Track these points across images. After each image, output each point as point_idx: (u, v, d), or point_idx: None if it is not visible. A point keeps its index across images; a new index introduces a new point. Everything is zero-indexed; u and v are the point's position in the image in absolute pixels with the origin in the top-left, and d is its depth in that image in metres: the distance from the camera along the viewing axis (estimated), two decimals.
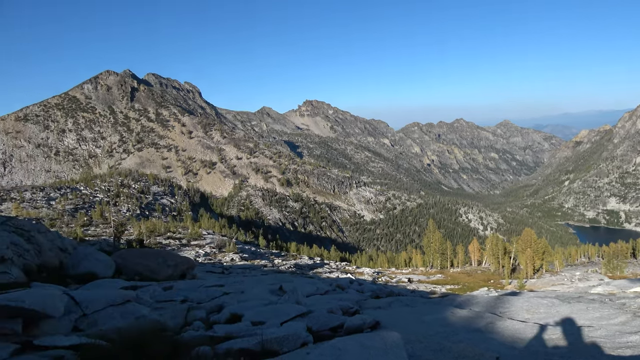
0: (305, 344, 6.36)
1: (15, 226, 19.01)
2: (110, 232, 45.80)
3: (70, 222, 61.13)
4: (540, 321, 8.47)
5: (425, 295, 20.61)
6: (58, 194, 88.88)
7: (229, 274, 26.99)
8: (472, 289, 39.33)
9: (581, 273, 50.78)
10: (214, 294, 12.81)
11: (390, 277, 46.29)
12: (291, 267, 43.62)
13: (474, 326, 8.12)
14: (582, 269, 60.57)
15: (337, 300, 12.35)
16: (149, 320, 7.34)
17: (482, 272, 58.79)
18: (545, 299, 10.99)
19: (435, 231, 70.56)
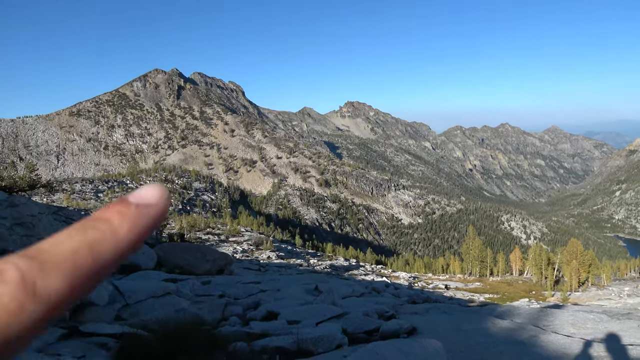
0: (340, 345, 6.32)
1: (67, 216, 19.95)
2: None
3: None
4: (587, 337, 8.08)
5: (463, 303, 20.12)
6: (106, 186, 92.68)
7: (265, 271, 27.27)
8: (512, 299, 38.11)
9: (631, 288, 48.19)
10: (250, 291, 12.95)
11: (427, 283, 45.50)
12: (326, 268, 43.61)
13: (516, 338, 7.84)
14: (632, 285, 57.46)
15: (373, 303, 12.23)
16: (188, 313, 7.50)
17: (523, 283, 56.88)
18: (592, 314, 10.48)
19: (475, 238, 68.88)
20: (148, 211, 0.26)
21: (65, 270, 0.22)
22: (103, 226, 0.24)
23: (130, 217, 0.25)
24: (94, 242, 0.23)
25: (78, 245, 0.23)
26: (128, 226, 0.25)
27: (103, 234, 0.24)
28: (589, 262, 54.62)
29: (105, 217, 0.25)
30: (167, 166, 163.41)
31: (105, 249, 0.24)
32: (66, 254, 0.22)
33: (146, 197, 0.27)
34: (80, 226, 0.24)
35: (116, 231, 0.24)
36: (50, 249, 0.22)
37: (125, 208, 0.26)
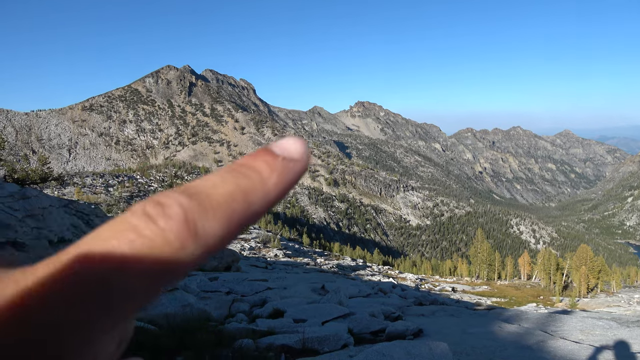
0: (346, 345, 6.31)
1: (77, 209, 20.13)
2: None
3: (126, 209, 63.94)
4: (595, 344, 7.99)
5: (470, 306, 20.01)
6: (116, 181, 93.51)
7: (272, 269, 27.32)
8: (520, 303, 37.84)
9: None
10: (257, 288, 12.99)
11: (434, 285, 45.33)
12: (333, 267, 43.59)
13: (524, 343, 7.76)
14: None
15: (380, 304, 12.19)
16: (195, 309, 7.53)
17: (531, 287, 56.43)
18: (601, 321, 10.36)
19: (483, 241, 68.45)
20: (293, 166, 0.26)
21: (222, 213, 0.22)
22: (253, 175, 0.24)
23: (277, 170, 0.25)
24: (246, 189, 0.23)
25: (232, 191, 0.23)
26: (276, 179, 0.25)
27: (253, 183, 0.24)
28: (598, 268, 54.04)
29: (254, 166, 0.25)
30: (177, 162, 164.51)
31: (255, 198, 0.23)
32: (223, 197, 0.22)
33: (290, 150, 0.27)
34: (231, 171, 0.24)
35: (265, 182, 0.24)
36: (207, 190, 0.23)
37: (274, 160, 0.25)
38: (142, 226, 0.20)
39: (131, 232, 0.20)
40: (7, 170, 19.19)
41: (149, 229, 0.20)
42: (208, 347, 5.25)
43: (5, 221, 12.68)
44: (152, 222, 0.21)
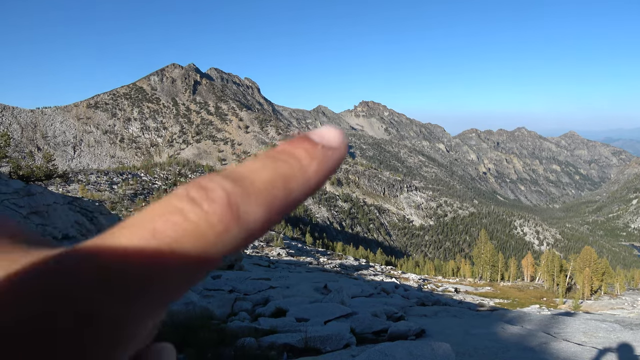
0: (348, 345, 6.31)
1: (81, 206, 20.21)
2: None
3: (130, 207, 64.28)
4: (598, 346, 7.96)
5: (472, 307, 19.98)
6: (120, 179, 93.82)
7: (274, 268, 27.37)
8: (523, 305, 37.75)
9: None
10: (260, 287, 13.01)
11: (437, 286, 45.28)
12: (336, 267, 43.62)
13: (526, 344, 7.75)
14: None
15: (382, 304, 12.19)
16: (198, 307, 7.55)
17: (534, 289, 56.27)
18: (605, 323, 10.32)
19: (487, 242, 68.30)
20: (332, 154, 0.26)
21: (264, 199, 0.22)
22: (294, 162, 0.24)
23: (317, 158, 0.25)
24: (287, 176, 0.23)
25: (274, 177, 0.23)
26: (315, 167, 0.25)
27: (293, 170, 0.24)
28: (602, 270, 53.82)
29: (295, 154, 0.25)
30: (181, 160, 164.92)
31: (295, 186, 0.24)
32: (264, 183, 0.23)
33: (329, 139, 0.26)
34: (272, 157, 0.24)
35: (305, 169, 0.24)
36: (249, 175, 0.23)
37: (313, 148, 0.25)
38: (187, 209, 0.20)
39: (176, 214, 0.20)
40: (12, 167, 19.28)
41: (193, 212, 0.20)
42: (210, 345, 5.26)
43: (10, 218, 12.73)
44: (196, 206, 0.21)
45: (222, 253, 0.21)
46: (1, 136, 19.72)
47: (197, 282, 0.22)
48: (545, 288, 56.87)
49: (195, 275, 0.21)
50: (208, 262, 0.21)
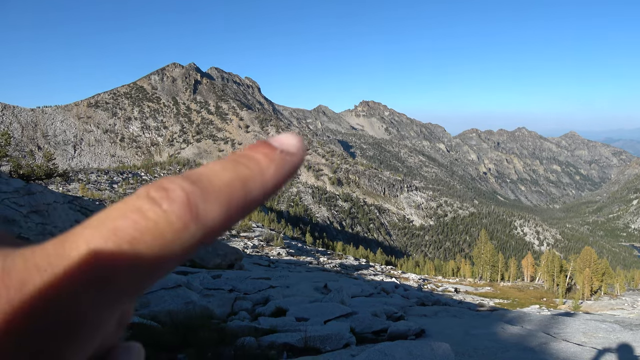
0: (348, 344, 6.32)
1: (81, 206, 20.23)
2: None
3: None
4: (598, 346, 7.96)
5: (472, 307, 19.98)
6: (120, 178, 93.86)
7: (274, 267, 27.37)
8: (523, 305, 37.77)
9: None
10: (260, 286, 13.01)
11: (437, 286, 45.28)
12: (336, 267, 43.61)
13: (526, 345, 7.75)
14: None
15: (382, 303, 12.19)
16: (198, 306, 7.55)
17: (534, 289, 56.26)
18: (604, 323, 10.32)
19: (487, 242, 68.29)
20: (290, 159, 0.27)
21: (222, 199, 0.23)
22: (253, 165, 0.25)
23: (275, 162, 0.26)
24: (245, 178, 0.25)
25: (232, 179, 0.24)
26: (274, 170, 0.26)
27: (253, 173, 0.25)
28: (602, 270, 53.81)
29: (254, 157, 0.26)
30: (181, 160, 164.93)
31: (253, 187, 0.25)
32: (223, 184, 0.24)
33: (288, 144, 0.28)
34: (232, 161, 0.25)
35: (264, 172, 0.25)
36: (209, 176, 0.24)
37: (272, 152, 0.27)
38: (146, 208, 0.21)
39: (136, 213, 0.21)
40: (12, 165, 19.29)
41: (152, 211, 0.21)
42: (210, 344, 5.27)
43: (10, 216, 12.76)
44: (156, 205, 0.22)
45: (182, 250, 0.22)
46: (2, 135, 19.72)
47: (158, 278, 0.22)
48: (545, 288, 56.87)
49: (157, 272, 0.22)
50: (169, 259, 0.22)
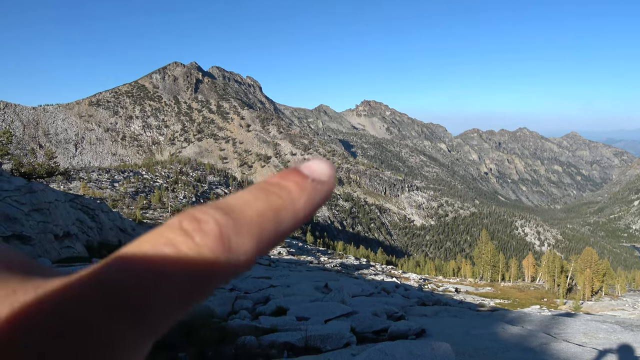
0: (349, 344, 6.32)
1: (82, 204, 20.24)
2: (167, 216, 47.73)
3: (131, 204, 64.31)
4: (599, 347, 7.96)
5: (473, 307, 19.97)
6: (122, 176, 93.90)
7: (275, 266, 27.38)
8: (524, 305, 37.74)
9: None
10: (260, 286, 13.02)
11: (437, 286, 45.27)
12: (337, 266, 43.60)
13: (527, 345, 7.75)
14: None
15: (383, 303, 12.19)
16: (199, 305, 7.56)
17: (535, 289, 56.23)
18: (605, 324, 10.32)
19: (487, 242, 68.24)
20: (322, 188, 0.27)
21: (254, 232, 0.23)
22: (284, 194, 0.25)
23: (307, 191, 0.26)
24: (277, 208, 0.24)
25: (264, 209, 0.24)
26: (305, 200, 0.26)
27: (284, 203, 0.25)
28: (603, 271, 53.76)
29: (285, 186, 0.26)
30: (182, 158, 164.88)
31: (285, 218, 0.25)
32: (255, 215, 0.23)
33: (319, 172, 0.28)
34: (263, 190, 0.25)
35: (295, 202, 0.25)
36: (241, 207, 0.24)
37: (303, 181, 0.27)
38: (179, 240, 0.21)
39: (168, 246, 0.21)
40: (14, 164, 19.33)
41: (185, 244, 0.21)
42: (211, 343, 5.28)
43: (12, 215, 12.78)
44: (189, 238, 0.21)
45: (212, 282, 0.22)
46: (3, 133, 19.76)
47: (188, 311, 0.22)
48: (545, 289, 56.83)
49: (186, 304, 0.22)
50: (199, 292, 0.22)
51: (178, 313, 0.22)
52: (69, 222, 16.22)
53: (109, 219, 21.89)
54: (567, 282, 55.04)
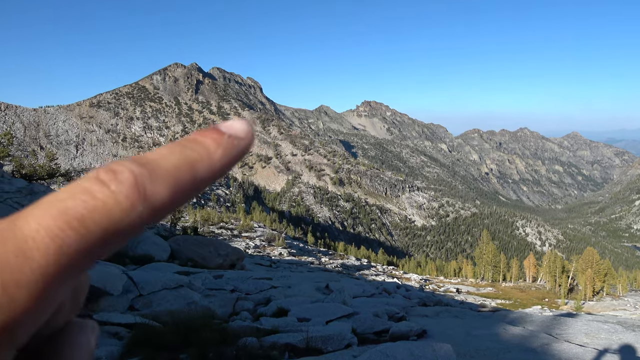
0: (350, 345, 6.32)
1: None
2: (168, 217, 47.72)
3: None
4: (600, 347, 7.95)
5: (474, 307, 19.94)
6: None
7: (276, 267, 27.37)
8: (525, 305, 37.72)
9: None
10: (261, 287, 13.02)
11: (438, 286, 45.24)
12: (338, 267, 43.58)
13: (528, 345, 7.73)
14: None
15: (384, 304, 12.18)
16: (200, 306, 7.57)
17: (536, 290, 56.18)
18: (607, 324, 10.30)
19: (489, 242, 68.18)
20: (238, 143, 0.29)
21: (170, 181, 0.25)
22: (200, 149, 0.27)
23: (223, 146, 0.28)
24: (193, 161, 0.26)
25: (180, 162, 0.26)
26: (221, 153, 0.28)
27: (200, 156, 0.27)
28: (604, 271, 53.69)
29: (201, 141, 0.28)
30: None
31: (201, 170, 0.26)
32: (170, 167, 0.25)
33: (236, 129, 0.30)
34: (180, 145, 0.27)
35: (211, 156, 0.27)
36: (157, 160, 0.25)
37: (220, 137, 0.28)
38: (95, 189, 0.23)
39: (85, 194, 0.22)
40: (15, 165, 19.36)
41: (101, 192, 0.23)
42: (212, 344, 5.27)
43: None
44: (104, 186, 0.23)
45: (131, 227, 0.23)
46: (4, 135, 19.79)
47: (108, 253, 0.24)
48: (547, 289, 56.79)
49: (107, 247, 0.23)
50: (117, 236, 0.23)
51: (98, 254, 0.23)
52: None
53: None
54: (568, 282, 54.98)
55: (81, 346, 0.29)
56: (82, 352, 0.29)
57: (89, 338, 0.32)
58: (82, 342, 0.29)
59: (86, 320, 0.31)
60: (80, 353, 0.29)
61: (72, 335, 0.29)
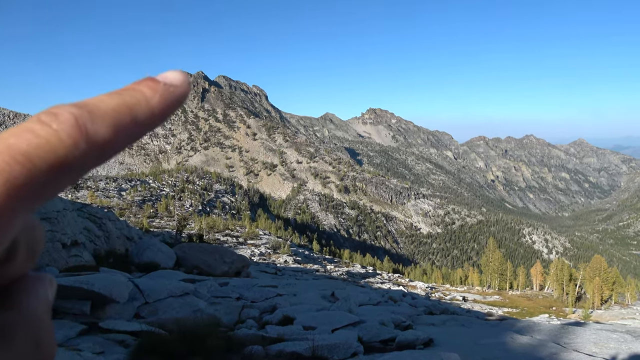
0: (356, 354, 6.28)
1: (90, 213, 20.36)
2: (174, 225, 47.82)
3: (138, 213, 64.52)
4: (609, 356, 7.85)
5: (481, 316, 19.80)
6: (129, 185, 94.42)
7: (281, 275, 27.32)
8: (532, 314, 37.39)
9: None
10: (267, 294, 12.99)
11: (444, 294, 44.95)
12: (343, 274, 43.45)
13: (536, 355, 7.66)
14: None
15: (390, 312, 12.12)
16: (205, 314, 7.56)
17: (543, 298, 55.68)
18: (616, 333, 10.18)
19: (495, 250, 67.75)
20: (174, 90, 0.31)
21: (110, 121, 0.26)
22: (138, 95, 0.28)
23: (159, 92, 0.30)
24: (131, 104, 0.28)
25: (119, 105, 0.27)
26: (158, 99, 0.29)
27: (138, 101, 0.28)
28: (612, 279, 53.19)
29: (139, 88, 0.29)
30: (189, 167, 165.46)
31: (140, 114, 0.28)
32: (109, 109, 0.26)
33: (171, 78, 0.32)
34: (117, 92, 0.28)
35: (149, 101, 0.29)
36: (95, 103, 0.26)
37: (156, 85, 0.30)
38: (37, 128, 0.24)
39: (28, 132, 0.23)
40: None
41: (43, 130, 0.24)
42: (218, 352, 5.26)
43: None
44: (46, 125, 0.24)
45: (76, 165, 0.25)
46: None
47: (56, 191, 0.25)
48: (554, 297, 56.27)
49: (54, 184, 0.24)
50: (63, 172, 0.24)
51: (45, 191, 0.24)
52: (77, 231, 16.30)
53: (116, 227, 21.98)
54: (576, 291, 54.48)
55: (39, 296, 0.29)
56: (39, 302, 0.29)
57: (46, 290, 0.32)
58: (39, 292, 0.31)
59: (43, 273, 0.31)
60: (38, 303, 0.29)
61: (29, 285, 0.29)
